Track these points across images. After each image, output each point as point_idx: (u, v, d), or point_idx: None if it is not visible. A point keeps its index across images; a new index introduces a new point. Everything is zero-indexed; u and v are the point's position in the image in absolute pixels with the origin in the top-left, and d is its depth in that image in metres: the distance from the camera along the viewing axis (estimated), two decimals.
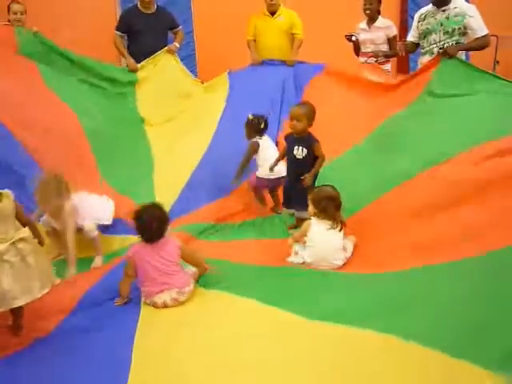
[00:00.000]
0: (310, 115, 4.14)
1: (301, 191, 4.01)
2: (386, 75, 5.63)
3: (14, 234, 2.73)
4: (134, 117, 5.74)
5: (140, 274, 3.22)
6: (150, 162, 5.28)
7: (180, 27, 6.31)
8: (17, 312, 2.85)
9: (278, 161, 4.43)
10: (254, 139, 4.60)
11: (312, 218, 3.72)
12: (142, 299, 3.22)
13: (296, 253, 3.74)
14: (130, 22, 6.00)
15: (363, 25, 5.88)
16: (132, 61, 5.91)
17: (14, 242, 2.69)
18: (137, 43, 6.01)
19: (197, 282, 3.36)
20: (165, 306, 3.13)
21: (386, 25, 5.79)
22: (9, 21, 5.58)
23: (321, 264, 3.59)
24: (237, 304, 3.08)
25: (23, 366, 2.62)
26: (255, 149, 4.59)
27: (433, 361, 2.25)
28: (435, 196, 3.62)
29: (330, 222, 3.64)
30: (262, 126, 4.60)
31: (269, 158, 4.51)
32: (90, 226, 3.95)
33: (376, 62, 5.75)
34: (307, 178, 4.03)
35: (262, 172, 4.58)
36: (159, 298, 3.14)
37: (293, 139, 4.21)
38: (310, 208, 3.74)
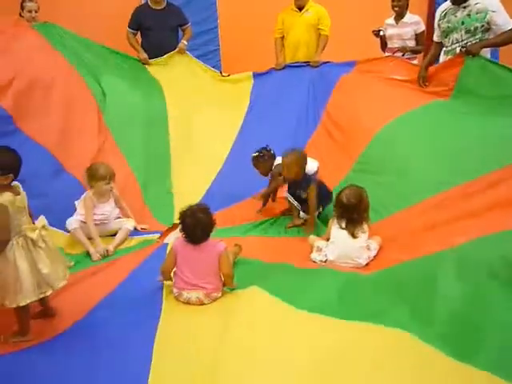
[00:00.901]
0: (300, 161, 4.20)
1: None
2: (413, 71, 5.35)
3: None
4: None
5: (177, 266, 3.21)
6: (168, 162, 5.31)
7: (189, 24, 6.32)
8: (45, 298, 2.87)
9: (267, 195, 4.69)
10: (276, 164, 4.55)
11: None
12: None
13: (320, 249, 3.68)
14: (140, 19, 6.08)
15: (391, 20, 5.79)
16: (145, 55, 5.96)
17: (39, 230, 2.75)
18: (148, 39, 6.10)
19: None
20: (188, 302, 3.11)
21: (414, 20, 5.70)
22: (21, 17, 5.54)
23: (344, 262, 3.54)
24: (266, 306, 3.01)
25: (57, 352, 2.66)
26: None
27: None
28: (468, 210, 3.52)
29: (348, 227, 3.61)
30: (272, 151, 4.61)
31: None
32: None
33: (403, 56, 5.65)
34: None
35: None
36: (186, 294, 3.12)
37: (293, 183, 4.34)
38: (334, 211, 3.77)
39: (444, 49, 5.04)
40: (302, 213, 4.36)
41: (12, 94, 4.51)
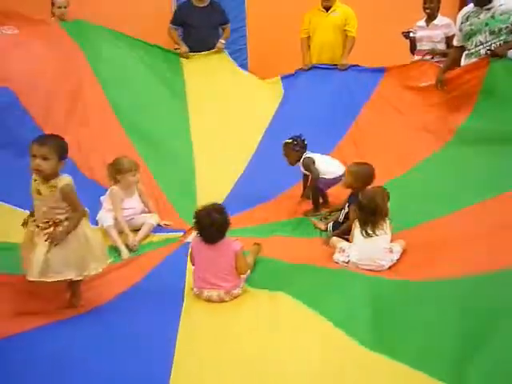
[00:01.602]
0: (360, 177, 4.02)
1: None
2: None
3: None
4: (179, 103, 5.82)
5: (195, 264, 3.23)
6: (191, 163, 5.31)
7: (229, 24, 6.39)
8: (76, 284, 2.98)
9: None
10: (305, 156, 4.57)
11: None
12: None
13: (343, 250, 3.66)
14: (184, 16, 6.20)
15: (421, 22, 5.73)
16: (186, 48, 6.07)
17: None
18: (190, 36, 6.20)
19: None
20: (209, 300, 3.12)
21: (445, 23, 5.63)
22: (53, 14, 5.63)
23: (366, 263, 3.50)
24: (284, 310, 2.97)
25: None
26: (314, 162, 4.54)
27: None
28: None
29: (365, 227, 3.57)
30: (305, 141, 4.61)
31: (325, 160, 4.59)
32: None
33: (432, 59, 5.59)
34: None
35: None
36: (207, 292, 3.13)
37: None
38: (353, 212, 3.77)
39: (466, 52, 5.01)
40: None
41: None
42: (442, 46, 5.64)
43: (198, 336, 2.75)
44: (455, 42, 5.14)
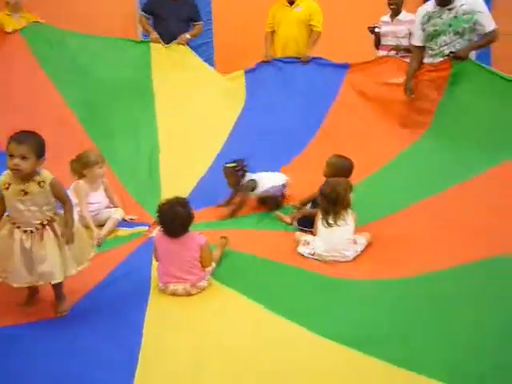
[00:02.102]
0: (337, 169, 4.07)
1: None
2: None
3: None
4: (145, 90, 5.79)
5: (159, 259, 3.21)
6: (156, 158, 5.28)
7: (201, 22, 6.36)
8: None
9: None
10: (246, 180, 4.53)
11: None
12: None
13: (307, 243, 3.68)
14: (154, 6, 6.18)
15: (386, 18, 5.79)
16: (156, 34, 6.02)
17: None
18: (158, 27, 6.14)
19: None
20: (174, 294, 3.11)
21: (410, 19, 5.65)
22: (6, 3, 5.55)
23: (331, 254, 3.55)
24: (243, 307, 3.02)
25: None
26: (255, 187, 4.53)
27: None
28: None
29: (327, 217, 3.63)
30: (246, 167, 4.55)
31: (266, 177, 4.57)
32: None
33: (396, 55, 5.65)
34: None
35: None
36: (172, 286, 3.12)
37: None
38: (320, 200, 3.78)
39: (430, 52, 5.07)
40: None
41: None
42: (406, 42, 5.69)
43: (165, 329, 2.76)
44: (416, 42, 5.16)
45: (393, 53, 5.68)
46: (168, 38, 6.01)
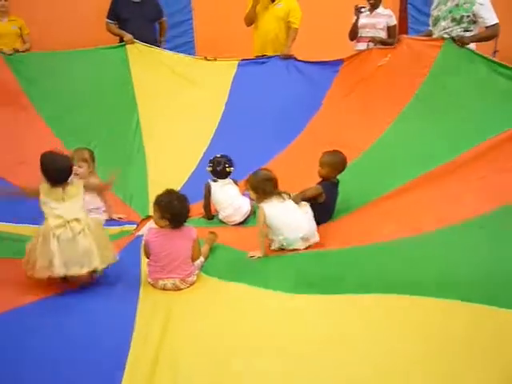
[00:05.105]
0: (334, 165, 4.06)
1: None
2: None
3: None
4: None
5: (151, 255, 3.23)
6: (142, 156, 5.31)
7: (164, 18, 6.43)
8: None
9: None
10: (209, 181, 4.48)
11: (260, 204, 3.66)
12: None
13: (272, 240, 3.65)
14: (118, 11, 6.16)
15: (365, 10, 5.90)
16: (129, 36, 5.99)
17: None
18: (126, 31, 6.10)
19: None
20: (163, 288, 3.16)
21: (387, 13, 5.87)
22: None
23: (299, 237, 3.56)
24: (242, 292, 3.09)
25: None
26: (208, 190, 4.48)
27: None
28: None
29: (277, 198, 3.63)
30: (220, 168, 4.40)
31: (217, 202, 4.45)
32: None
33: (375, 46, 5.74)
34: None
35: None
36: (161, 282, 3.17)
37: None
38: (252, 195, 3.75)
39: (433, 36, 5.21)
40: None
41: None
42: (383, 35, 5.84)
43: (156, 319, 2.78)
44: (430, 27, 5.32)
45: (371, 44, 5.77)
46: (136, 39, 6.00)
